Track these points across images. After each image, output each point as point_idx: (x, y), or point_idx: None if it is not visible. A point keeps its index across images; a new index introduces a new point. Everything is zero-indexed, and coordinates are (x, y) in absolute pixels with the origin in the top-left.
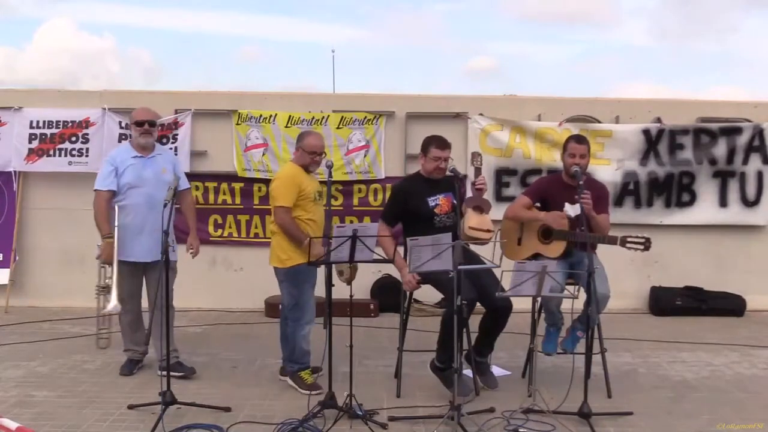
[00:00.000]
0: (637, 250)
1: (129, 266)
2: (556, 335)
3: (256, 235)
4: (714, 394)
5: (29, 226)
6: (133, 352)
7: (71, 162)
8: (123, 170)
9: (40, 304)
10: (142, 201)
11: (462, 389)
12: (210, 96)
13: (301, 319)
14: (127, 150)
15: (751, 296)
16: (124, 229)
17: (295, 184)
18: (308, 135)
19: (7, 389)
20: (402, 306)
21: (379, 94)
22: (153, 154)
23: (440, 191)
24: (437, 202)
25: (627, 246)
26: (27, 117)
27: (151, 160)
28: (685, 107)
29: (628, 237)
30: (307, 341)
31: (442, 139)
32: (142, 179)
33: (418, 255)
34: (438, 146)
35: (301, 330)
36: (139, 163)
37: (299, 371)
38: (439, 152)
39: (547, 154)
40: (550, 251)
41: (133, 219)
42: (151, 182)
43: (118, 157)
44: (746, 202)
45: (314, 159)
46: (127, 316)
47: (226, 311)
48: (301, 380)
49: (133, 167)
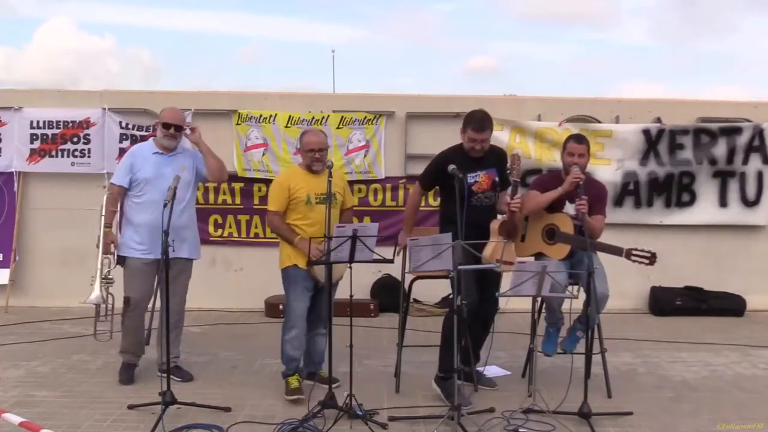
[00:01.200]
0: (642, 263)
1: (145, 265)
2: (556, 336)
3: (256, 235)
4: (714, 394)
5: (29, 226)
6: (131, 355)
7: (74, 163)
8: (142, 165)
9: (40, 304)
10: (159, 198)
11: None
12: (210, 96)
13: (285, 323)
14: (150, 146)
15: (751, 296)
16: (142, 226)
17: (284, 189)
18: (305, 133)
19: (7, 389)
20: (401, 303)
21: (379, 94)
22: (174, 153)
23: (483, 167)
24: (477, 179)
25: (632, 259)
26: (27, 117)
27: (172, 158)
28: (685, 107)
29: (633, 250)
30: (294, 346)
31: (480, 120)
32: (161, 176)
33: (417, 255)
34: (475, 129)
35: (285, 333)
36: (160, 159)
37: (287, 376)
38: (476, 134)
39: (547, 154)
40: (554, 253)
41: (151, 215)
42: (169, 179)
43: (139, 151)
44: (746, 202)
45: (314, 157)
46: (131, 317)
47: (226, 311)
48: (287, 385)
49: (153, 163)
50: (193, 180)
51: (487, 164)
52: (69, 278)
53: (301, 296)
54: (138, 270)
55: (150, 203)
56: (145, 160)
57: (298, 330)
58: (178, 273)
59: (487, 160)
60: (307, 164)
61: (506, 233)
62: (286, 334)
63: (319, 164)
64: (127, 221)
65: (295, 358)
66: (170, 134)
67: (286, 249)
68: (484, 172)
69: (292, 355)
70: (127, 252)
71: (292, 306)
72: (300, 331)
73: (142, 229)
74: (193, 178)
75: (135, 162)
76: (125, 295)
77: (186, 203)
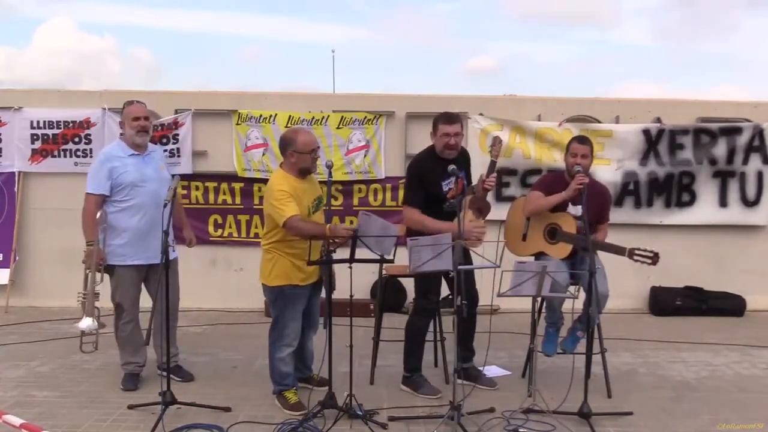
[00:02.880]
0: (645, 263)
1: (134, 271)
2: (556, 336)
3: (256, 235)
4: (714, 394)
5: (29, 226)
6: (134, 365)
7: (77, 163)
8: (123, 169)
9: (40, 304)
10: (148, 199)
11: (429, 389)
12: (210, 96)
13: (277, 341)
14: (121, 148)
15: (751, 296)
16: (131, 232)
17: (292, 196)
18: (299, 133)
19: (7, 389)
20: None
21: (379, 94)
22: (148, 152)
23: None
24: (450, 186)
25: (635, 259)
26: (27, 117)
27: (148, 158)
28: (685, 107)
29: (636, 250)
30: (287, 363)
31: (449, 113)
32: (145, 177)
33: (418, 255)
34: (446, 121)
35: (279, 352)
36: (138, 160)
37: (282, 392)
38: (448, 127)
39: (547, 154)
40: (556, 252)
41: (140, 219)
42: (153, 179)
43: (114, 155)
44: (746, 202)
45: (315, 157)
46: (127, 326)
47: (226, 311)
48: (285, 400)
49: (133, 165)
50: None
51: (458, 167)
52: (69, 278)
53: (298, 315)
54: (127, 276)
55: (138, 207)
56: (124, 163)
57: (293, 348)
58: (172, 273)
59: (457, 163)
60: (307, 167)
61: (477, 209)
62: (280, 353)
63: (316, 167)
64: (110, 228)
65: (290, 373)
66: (142, 127)
67: (282, 266)
68: (455, 177)
69: (287, 371)
70: (115, 260)
71: (289, 326)
72: (294, 349)
73: (128, 234)
74: (170, 175)
75: (114, 167)
76: (116, 302)
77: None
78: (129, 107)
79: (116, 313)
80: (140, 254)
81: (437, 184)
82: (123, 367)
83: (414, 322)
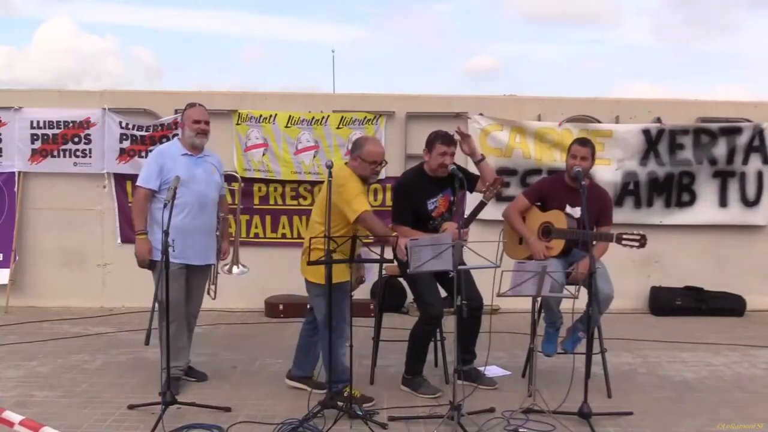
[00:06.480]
0: (633, 247)
1: (179, 270)
2: (556, 336)
3: (256, 235)
4: (714, 394)
5: (29, 226)
6: (176, 368)
7: (76, 163)
8: (173, 167)
9: (40, 304)
10: (193, 199)
11: (429, 389)
12: (210, 96)
13: (338, 337)
14: (177, 147)
15: (751, 296)
16: (174, 229)
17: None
18: (368, 142)
19: (7, 389)
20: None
21: (379, 94)
22: (202, 154)
23: (441, 189)
24: (436, 205)
25: (623, 243)
26: (27, 117)
27: (201, 159)
28: (685, 107)
29: (624, 234)
30: (345, 357)
31: (447, 134)
32: (194, 177)
33: (418, 255)
34: (443, 142)
35: (340, 347)
36: (190, 160)
37: (342, 390)
38: (445, 148)
39: (547, 154)
40: (552, 250)
41: (185, 218)
42: (202, 180)
43: (168, 153)
44: (746, 202)
45: (376, 170)
46: (172, 326)
47: (226, 311)
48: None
49: (184, 165)
50: (221, 182)
51: (444, 185)
52: (69, 278)
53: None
54: (172, 273)
55: (182, 205)
56: (176, 161)
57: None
58: (204, 278)
59: (443, 180)
60: (366, 175)
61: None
62: (342, 348)
63: (375, 177)
64: (155, 224)
65: (348, 367)
66: (201, 129)
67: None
68: (441, 195)
69: (347, 365)
70: (159, 256)
71: (347, 320)
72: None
73: (172, 232)
74: (221, 181)
75: (165, 164)
76: (159, 300)
77: (214, 206)
78: (190, 110)
79: (159, 313)
80: (183, 254)
81: (423, 203)
82: (165, 371)
83: (422, 330)
